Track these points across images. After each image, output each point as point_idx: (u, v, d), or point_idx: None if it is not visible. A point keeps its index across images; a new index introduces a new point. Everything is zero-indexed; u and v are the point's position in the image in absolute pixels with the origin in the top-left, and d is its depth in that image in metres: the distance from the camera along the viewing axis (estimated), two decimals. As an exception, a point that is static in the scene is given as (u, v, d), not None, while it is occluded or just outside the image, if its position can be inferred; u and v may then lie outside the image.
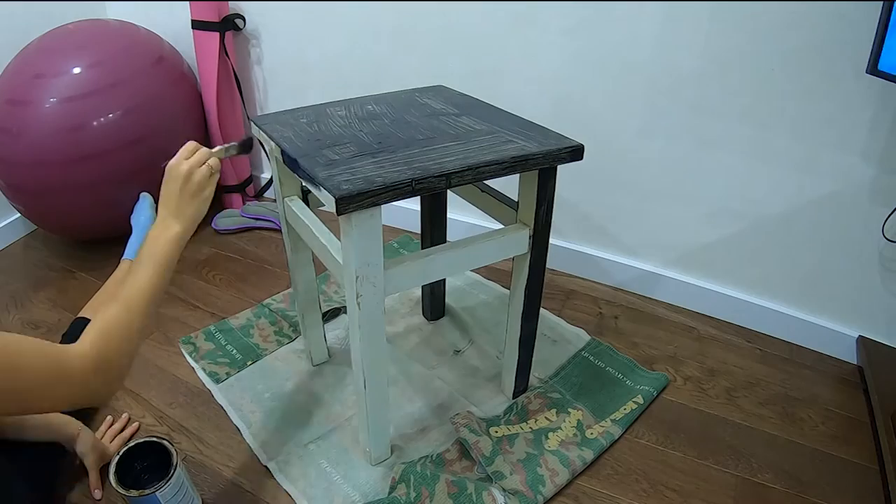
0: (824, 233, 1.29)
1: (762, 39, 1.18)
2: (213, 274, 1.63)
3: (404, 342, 1.39)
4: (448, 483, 1.03)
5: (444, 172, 0.83)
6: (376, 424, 1.05)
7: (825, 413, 1.24)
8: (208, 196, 0.85)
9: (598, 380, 1.29)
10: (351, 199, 0.77)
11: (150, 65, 1.57)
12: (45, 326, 1.44)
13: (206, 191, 0.85)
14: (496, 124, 1.00)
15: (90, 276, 1.62)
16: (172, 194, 0.82)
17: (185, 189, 0.82)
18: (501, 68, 1.46)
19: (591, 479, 1.09)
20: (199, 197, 0.84)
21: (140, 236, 1.02)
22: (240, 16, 1.70)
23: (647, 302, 1.56)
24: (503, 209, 1.07)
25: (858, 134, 1.17)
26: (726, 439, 1.18)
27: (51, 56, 1.47)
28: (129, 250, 1.14)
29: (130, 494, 0.88)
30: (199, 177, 0.83)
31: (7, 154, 1.44)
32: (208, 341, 1.38)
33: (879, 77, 1.00)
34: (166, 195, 0.83)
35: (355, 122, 1.01)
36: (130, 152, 1.49)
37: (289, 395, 1.24)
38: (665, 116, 1.34)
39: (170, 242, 0.81)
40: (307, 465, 1.09)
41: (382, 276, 0.88)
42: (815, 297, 1.38)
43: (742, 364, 1.37)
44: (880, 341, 1.34)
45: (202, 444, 1.14)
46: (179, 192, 0.82)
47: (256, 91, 1.86)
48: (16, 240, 1.80)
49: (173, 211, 0.82)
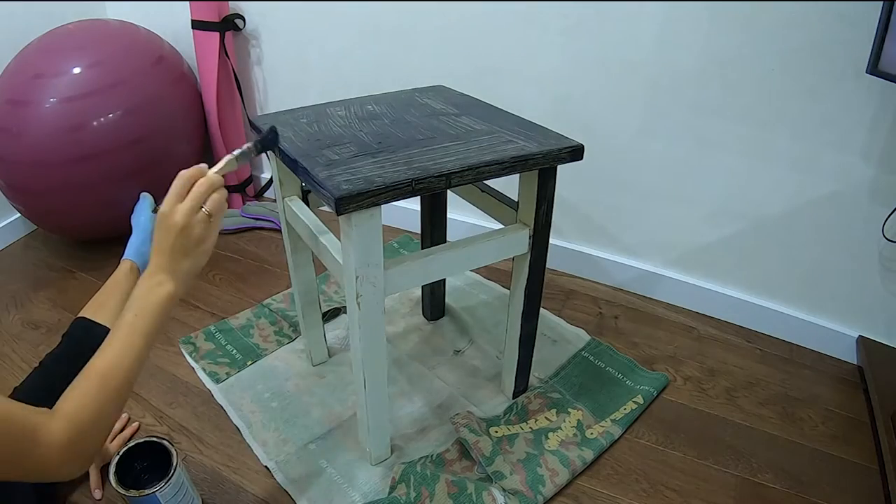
0: (824, 233, 1.29)
1: (762, 39, 1.18)
2: (213, 274, 1.63)
3: (404, 342, 1.39)
4: (448, 483, 1.03)
5: (443, 172, 0.83)
6: (376, 424, 1.05)
7: (825, 413, 1.24)
8: (208, 249, 0.75)
9: (598, 380, 1.29)
10: (351, 199, 0.77)
11: (150, 65, 1.57)
12: (45, 326, 1.44)
13: (206, 244, 0.74)
14: (496, 124, 1.00)
15: (90, 276, 1.62)
16: (164, 249, 0.71)
17: (178, 243, 0.71)
18: (501, 68, 1.46)
19: (591, 479, 1.09)
20: (196, 251, 0.73)
21: (140, 236, 1.01)
22: (240, 16, 1.70)
23: (647, 302, 1.56)
24: (503, 209, 1.07)
25: (858, 134, 1.17)
26: (726, 439, 1.18)
27: (51, 56, 1.47)
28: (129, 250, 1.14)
29: (130, 494, 0.88)
30: (198, 230, 0.72)
31: (7, 154, 1.44)
32: (208, 341, 1.38)
33: (879, 77, 1.00)
34: (159, 245, 0.72)
35: (355, 122, 1.01)
36: (130, 152, 1.49)
37: (289, 395, 1.24)
38: (665, 116, 1.34)
39: (159, 303, 0.72)
40: (307, 465, 1.09)
41: (382, 276, 0.88)
42: (815, 297, 1.38)
43: (742, 364, 1.37)
44: (880, 341, 1.34)
45: (202, 444, 1.14)
46: (172, 247, 0.71)
47: (256, 91, 1.86)
48: (16, 240, 1.80)
49: (166, 266, 0.72)
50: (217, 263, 1.68)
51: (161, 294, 0.72)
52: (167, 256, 0.72)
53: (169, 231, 0.71)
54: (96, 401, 0.67)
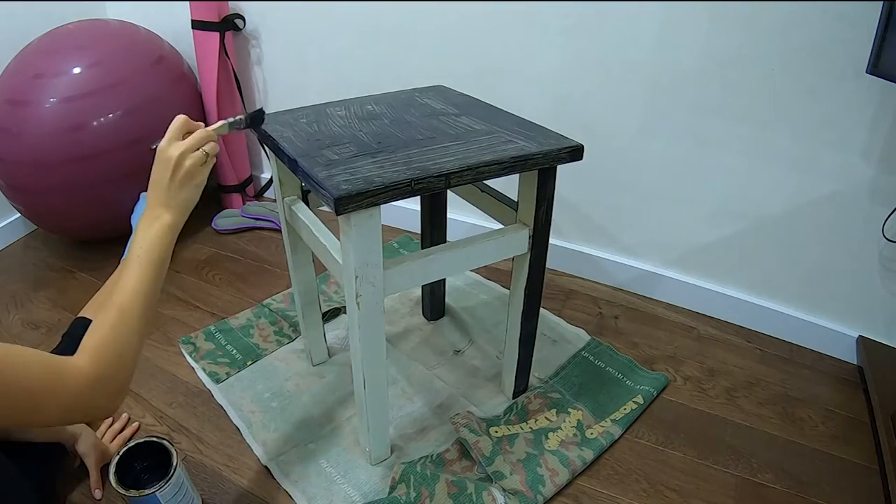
0: (824, 233, 1.29)
1: (762, 39, 1.18)
2: (213, 274, 1.63)
3: (404, 342, 1.39)
4: (448, 483, 1.03)
5: (443, 172, 0.83)
6: (376, 424, 1.05)
7: (825, 413, 1.24)
8: (200, 182, 0.80)
9: (598, 380, 1.29)
10: (350, 199, 0.77)
11: (150, 65, 1.57)
12: (45, 326, 1.44)
13: (198, 178, 0.79)
14: (496, 124, 1.00)
15: (90, 276, 1.62)
16: (161, 182, 0.76)
17: (174, 176, 0.76)
18: (501, 68, 1.46)
19: (591, 479, 1.09)
20: (190, 184, 0.78)
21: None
22: (240, 16, 1.70)
23: (646, 302, 1.56)
24: (503, 209, 1.07)
25: (858, 134, 1.17)
26: (726, 439, 1.17)
27: (50, 56, 1.47)
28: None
29: (130, 494, 0.88)
30: (191, 163, 0.77)
31: (7, 154, 1.44)
32: (208, 341, 1.38)
33: (879, 77, 1.00)
34: (154, 182, 0.77)
35: (355, 122, 1.01)
36: (130, 152, 1.49)
37: (289, 395, 1.24)
38: (665, 116, 1.34)
39: (161, 233, 0.76)
40: (307, 465, 1.09)
41: (382, 275, 0.88)
42: (815, 297, 1.38)
43: (742, 364, 1.37)
44: (880, 341, 1.34)
45: (202, 444, 1.14)
46: (169, 180, 0.76)
47: (256, 91, 1.86)
48: (16, 240, 1.80)
49: (163, 199, 0.77)
50: (217, 263, 1.68)
51: (161, 226, 0.77)
52: (163, 190, 0.77)
53: (166, 165, 0.76)
54: (118, 332, 0.72)
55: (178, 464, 0.92)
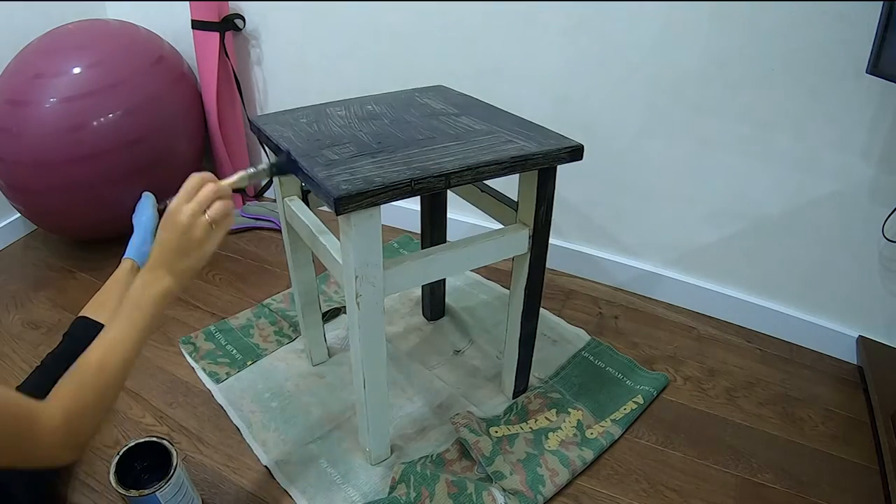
0: (824, 233, 1.29)
1: (762, 39, 1.18)
2: (213, 274, 1.63)
3: (404, 342, 1.39)
4: (448, 483, 1.03)
5: (443, 172, 0.83)
6: (376, 424, 1.05)
7: (825, 413, 1.24)
8: (208, 252, 0.75)
9: (598, 380, 1.29)
10: (350, 199, 0.77)
11: (150, 65, 1.57)
12: (45, 326, 1.44)
13: (206, 246, 0.74)
14: (496, 124, 1.00)
15: (90, 276, 1.62)
16: (167, 245, 0.73)
17: (181, 242, 0.72)
18: (501, 68, 1.46)
19: (591, 479, 1.09)
20: (195, 252, 0.73)
21: (141, 236, 1.01)
22: (240, 16, 1.70)
23: (646, 302, 1.56)
24: (503, 209, 1.07)
25: (858, 134, 1.17)
26: (726, 439, 1.17)
27: (50, 56, 1.47)
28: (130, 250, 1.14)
29: (130, 494, 0.88)
30: (199, 232, 0.72)
31: (7, 154, 1.44)
32: (208, 341, 1.38)
33: (879, 77, 1.00)
34: (161, 243, 0.73)
35: (355, 122, 1.01)
36: (130, 152, 1.49)
37: (289, 395, 1.24)
38: (665, 116, 1.34)
39: (157, 299, 0.73)
40: (307, 465, 1.09)
41: (382, 275, 0.88)
42: (815, 297, 1.38)
43: (742, 364, 1.37)
44: (880, 341, 1.34)
45: (202, 444, 1.14)
46: (173, 245, 0.72)
47: (256, 91, 1.86)
48: (16, 240, 1.80)
49: (166, 263, 0.73)
50: (217, 263, 1.68)
51: (159, 289, 0.74)
52: (168, 253, 0.73)
53: (173, 229, 0.72)
54: (92, 389, 0.69)
55: (178, 464, 0.92)
